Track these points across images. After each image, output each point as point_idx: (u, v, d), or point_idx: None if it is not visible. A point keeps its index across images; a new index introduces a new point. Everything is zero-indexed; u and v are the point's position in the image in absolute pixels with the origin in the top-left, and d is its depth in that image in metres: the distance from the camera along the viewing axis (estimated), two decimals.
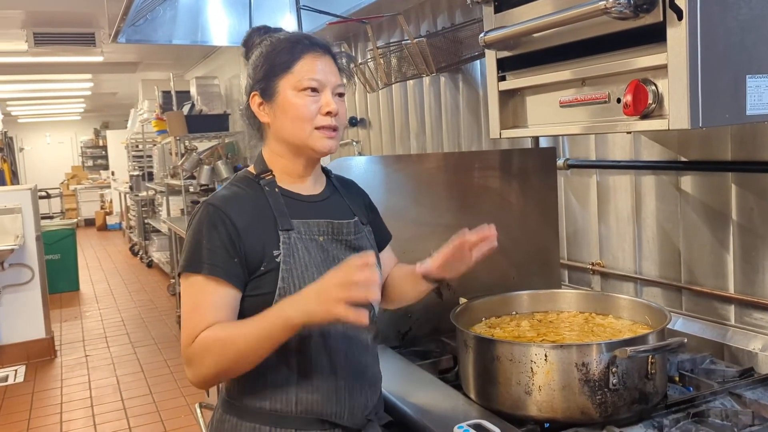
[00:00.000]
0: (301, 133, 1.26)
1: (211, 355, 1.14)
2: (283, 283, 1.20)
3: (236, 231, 1.20)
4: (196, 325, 1.16)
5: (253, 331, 1.12)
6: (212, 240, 1.19)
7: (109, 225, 13.72)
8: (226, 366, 1.15)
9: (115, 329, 5.90)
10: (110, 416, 3.96)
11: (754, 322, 1.68)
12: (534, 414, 1.33)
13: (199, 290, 1.18)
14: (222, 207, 1.22)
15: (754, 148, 1.62)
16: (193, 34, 4.04)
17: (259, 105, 1.29)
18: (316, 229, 1.28)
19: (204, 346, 1.14)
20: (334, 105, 1.26)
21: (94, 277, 8.38)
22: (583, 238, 2.22)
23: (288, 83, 1.25)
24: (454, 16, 2.77)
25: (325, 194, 1.37)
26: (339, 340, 1.25)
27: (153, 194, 8.77)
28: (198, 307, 1.17)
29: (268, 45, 1.30)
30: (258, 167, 1.32)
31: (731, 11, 1.15)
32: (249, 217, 1.23)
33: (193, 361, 1.16)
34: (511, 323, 1.65)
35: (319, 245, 1.27)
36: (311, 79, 1.24)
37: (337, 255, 1.28)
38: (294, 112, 1.25)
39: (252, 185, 1.29)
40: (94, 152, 16.91)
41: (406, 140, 3.36)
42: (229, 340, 1.14)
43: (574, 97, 1.40)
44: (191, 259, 1.20)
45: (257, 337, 1.12)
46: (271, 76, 1.27)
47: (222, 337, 1.14)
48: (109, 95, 11.89)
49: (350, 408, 1.26)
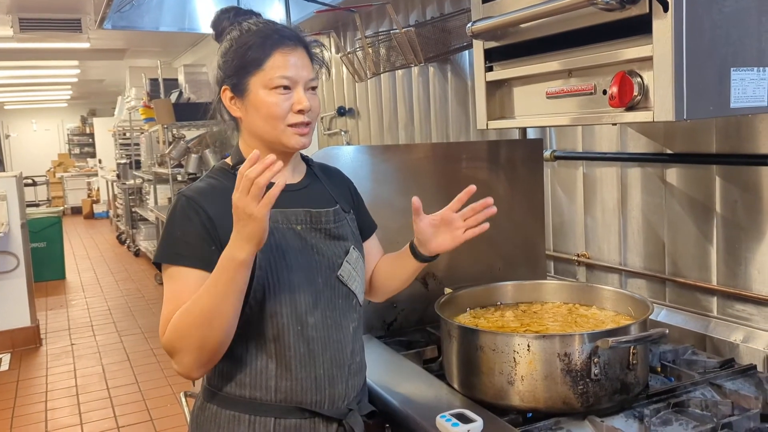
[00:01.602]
0: (274, 131, 1.25)
1: (180, 329, 1.13)
2: (260, 272, 1.19)
3: (210, 220, 1.20)
4: (169, 314, 1.16)
5: (209, 286, 1.12)
6: (187, 230, 1.19)
7: (96, 213, 13.61)
8: (198, 335, 1.13)
9: (102, 318, 5.87)
10: (95, 405, 3.95)
11: (736, 313, 1.69)
12: (516, 404, 1.34)
13: (177, 281, 1.18)
14: (195, 198, 1.22)
15: (739, 141, 1.63)
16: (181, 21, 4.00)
17: (230, 99, 1.28)
18: (294, 218, 1.27)
19: (173, 324, 1.14)
20: (307, 102, 1.24)
21: (81, 266, 8.32)
22: (569, 229, 2.23)
23: (259, 81, 1.24)
24: (443, 5, 2.76)
25: (303, 183, 1.36)
26: (318, 329, 1.25)
27: (140, 183, 8.71)
28: (175, 299, 1.17)
29: (238, 38, 1.27)
30: (234, 158, 1.32)
31: (716, 4, 1.15)
32: (224, 208, 1.20)
33: (172, 348, 1.16)
34: (496, 314, 1.65)
35: (297, 234, 1.26)
36: (282, 77, 1.23)
37: (316, 244, 1.27)
38: (266, 110, 1.24)
39: (228, 177, 1.28)
40: (81, 140, 16.74)
41: (395, 130, 3.35)
42: (191, 306, 1.13)
43: (560, 89, 1.40)
44: (168, 250, 1.20)
45: (215, 290, 1.11)
46: (242, 73, 1.25)
47: (184, 308, 1.14)
48: (96, 82, 11.77)
49: (330, 397, 1.27)
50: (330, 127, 4.12)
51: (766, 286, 1.60)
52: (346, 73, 3.73)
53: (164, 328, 1.16)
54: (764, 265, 1.60)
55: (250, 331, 1.22)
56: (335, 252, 1.30)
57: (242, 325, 1.19)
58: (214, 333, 1.13)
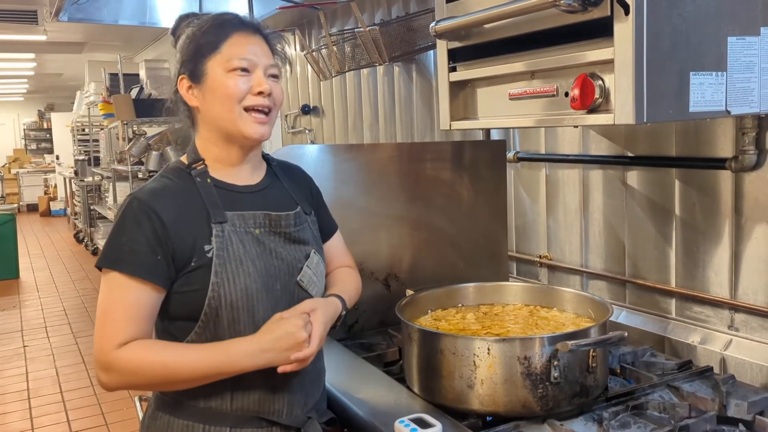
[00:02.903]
0: (230, 114, 1.20)
1: (143, 375, 1.12)
2: (216, 278, 1.15)
3: (163, 226, 1.14)
4: (115, 331, 1.11)
5: (201, 365, 1.13)
6: (135, 236, 1.13)
7: (53, 211, 13.25)
8: (156, 385, 1.16)
9: (56, 319, 5.70)
10: (48, 409, 3.82)
11: (693, 315, 1.71)
12: (476, 408, 1.32)
13: (119, 289, 1.13)
14: (148, 201, 1.16)
15: (697, 144, 1.65)
16: (141, 14, 3.92)
17: (187, 89, 1.24)
18: (252, 221, 1.22)
19: (137, 365, 1.11)
20: (266, 85, 1.20)
21: (36, 265, 8.08)
22: (532, 230, 2.23)
23: (216, 64, 1.20)
24: (408, 5, 2.74)
25: (263, 184, 1.31)
26: None
27: (99, 180, 8.50)
28: (117, 309, 1.12)
29: (195, 26, 1.24)
30: (190, 157, 1.26)
31: (677, 8, 1.16)
32: (178, 211, 1.17)
33: (114, 370, 1.11)
34: (457, 316, 1.64)
35: (255, 238, 1.22)
36: (241, 59, 1.19)
37: (275, 248, 1.23)
38: (223, 91, 1.19)
39: (183, 176, 1.23)
40: (38, 135, 16.28)
41: (360, 129, 3.33)
42: (171, 367, 1.12)
43: (523, 90, 1.40)
44: (112, 255, 1.14)
45: (204, 372, 1.13)
46: (198, 57, 1.21)
47: (159, 362, 1.12)
48: (53, 76, 11.43)
49: (289, 406, 1.23)
50: (294, 125, 4.07)
51: (723, 288, 1.63)
52: (310, 71, 3.69)
53: (110, 345, 1.10)
54: (721, 268, 1.63)
55: (205, 338, 1.17)
56: (295, 256, 1.26)
57: (197, 332, 1.15)
58: (176, 387, 1.18)
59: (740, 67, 1.25)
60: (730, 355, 1.58)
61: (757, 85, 1.28)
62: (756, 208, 1.53)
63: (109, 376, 1.12)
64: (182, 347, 1.15)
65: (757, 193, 1.53)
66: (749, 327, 1.57)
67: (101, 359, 1.12)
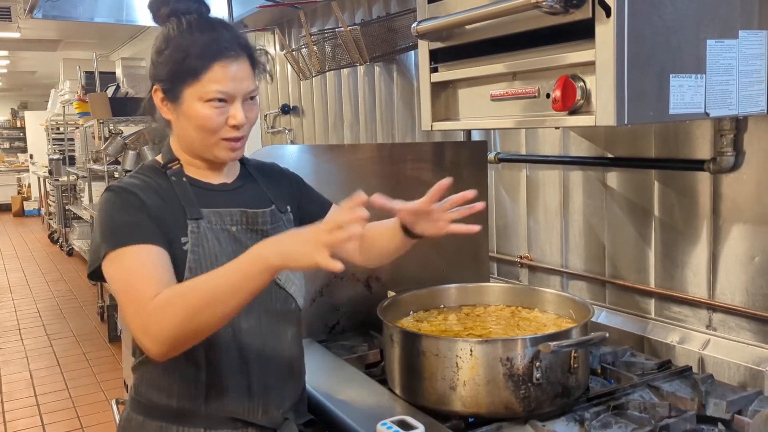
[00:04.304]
0: (204, 142, 1.19)
1: (172, 307, 1.00)
2: (190, 274, 1.13)
3: (145, 206, 1.13)
4: (145, 289, 1.03)
5: (224, 272, 1.01)
6: (125, 214, 1.12)
7: (27, 211, 13.02)
8: (190, 318, 1.00)
9: (30, 321, 5.60)
10: (22, 413, 3.75)
11: (672, 315, 1.73)
12: (458, 409, 1.32)
13: (130, 259, 1.08)
14: (127, 188, 1.16)
15: (676, 146, 1.66)
16: (118, 12, 3.85)
17: (161, 100, 1.21)
18: (229, 218, 1.21)
19: (164, 301, 1.01)
20: (242, 116, 1.17)
21: (9, 266, 7.93)
22: (513, 231, 2.24)
23: (194, 92, 1.15)
24: (389, 5, 2.73)
25: (237, 183, 1.30)
26: (252, 335, 1.20)
27: (74, 179, 8.36)
28: (137, 278, 1.05)
29: (175, 38, 1.17)
30: (165, 156, 1.25)
31: (657, 10, 1.16)
32: (160, 202, 1.16)
33: (150, 326, 1.02)
34: (439, 317, 1.63)
35: (232, 235, 1.20)
36: (219, 91, 1.15)
37: (252, 246, 1.21)
38: (198, 122, 1.17)
39: (159, 175, 1.22)
40: (11, 134, 15.98)
41: (340, 130, 3.31)
42: (195, 286, 1.03)
43: (504, 91, 1.40)
44: (112, 238, 1.10)
45: (228, 280, 1.00)
46: (176, 81, 1.17)
47: (184, 287, 1.04)
48: (27, 74, 11.24)
49: (264, 406, 1.22)
50: (273, 125, 4.04)
51: (701, 288, 1.64)
52: (290, 71, 3.66)
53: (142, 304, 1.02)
54: (699, 268, 1.64)
55: None
56: None
57: None
58: (209, 319, 1.02)
59: (719, 69, 1.26)
60: (709, 355, 1.59)
61: (735, 87, 1.29)
62: (734, 209, 1.55)
63: (149, 338, 1.02)
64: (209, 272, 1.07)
65: (734, 195, 1.54)
66: (727, 327, 1.59)
67: (137, 325, 1.03)
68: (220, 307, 1.01)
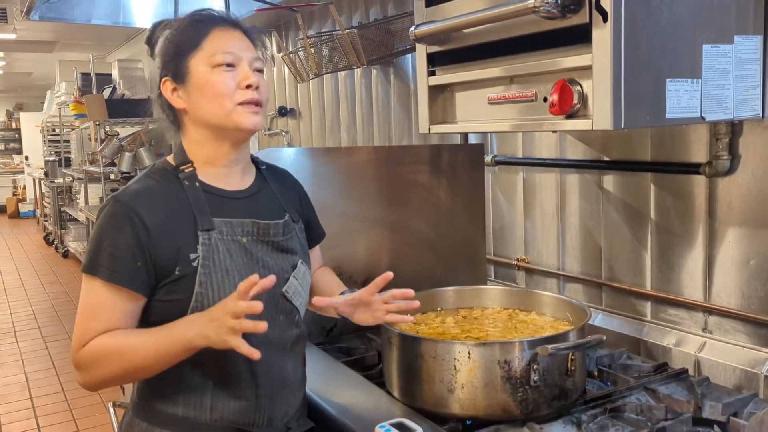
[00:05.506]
0: (222, 111, 1.16)
1: (102, 364, 1.10)
2: (200, 288, 1.12)
3: (146, 231, 1.11)
4: (86, 331, 1.11)
5: (151, 346, 1.09)
6: (116, 242, 1.11)
7: (22, 212, 12.98)
8: (119, 376, 1.13)
9: (26, 323, 5.58)
10: (17, 416, 3.74)
11: (668, 318, 1.74)
12: (456, 412, 1.32)
13: (96, 294, 1.11)
14: (131, 204, 1.13)
15: (672, 149, 1.67)
16: (115, 14, 3.85)
17: (172, 91, 1.20)
18: (240, 229, 1.19)
19: (96, 353, 1.10)
20: (254, 77, 1.17)
21: (4, 268, 7.90)
22: (509, 234, 2.24)
23: (199, 61, 1.16)
24: (386, 7, 2.74)
25: (253, 189, 1.27)
26: (260, 346, 1.19)
27: (70, 181, 8.35)
28: (93, 313, 1.11)
29: (172, 27, 1.21)
30: (177, 158, 1.22)
31: (654, 15, 1.17)
32: (163, 216, 1.13)
33: (82, 367, 1.12)
34: (436, 320, 1.64)
35: (243, 247, 1.18)
36: (225, 53, 1.15)
37: (263, 257, 1.20)
38: (211, 90, 1.15)
39: (170, 178, 1.19)
40: (7, 135, 15.91)
41: (337, 132, 3.32)
42: (124, 351, 1.09)
43: (502, 95, 1.40)
44: (92, 261, 1.12)
45: (155, 353, 1.09)
46: (179, 56, 1.17)
47: (115, 347, 1.09)
48: (23, 75, 11.20)
49: (270, 416, 1.22)
50: (271, 127, 4.04)
51: (697, 291, 1.65)
52: (287, 73, 3.67)
53: (80, 344, 1.11)
54: (695, 271, 1.65)
55: None
56: (282, 266, 1.23)
57: None
58: (138, 378, 1.17)
59: (715, 74, 1.27)
60: (705, 357, 1.60)
61: (731, 92, 1.30)
62: (729, 212, 1.56)
63: (80, 374, 1.13)
64: (138, 331, 1.13)
65: (730, 198, 1.55)
66: (722, 329, 1.60)
67: (73, 358, 1.13)
68: (145, 372, 1.14)
